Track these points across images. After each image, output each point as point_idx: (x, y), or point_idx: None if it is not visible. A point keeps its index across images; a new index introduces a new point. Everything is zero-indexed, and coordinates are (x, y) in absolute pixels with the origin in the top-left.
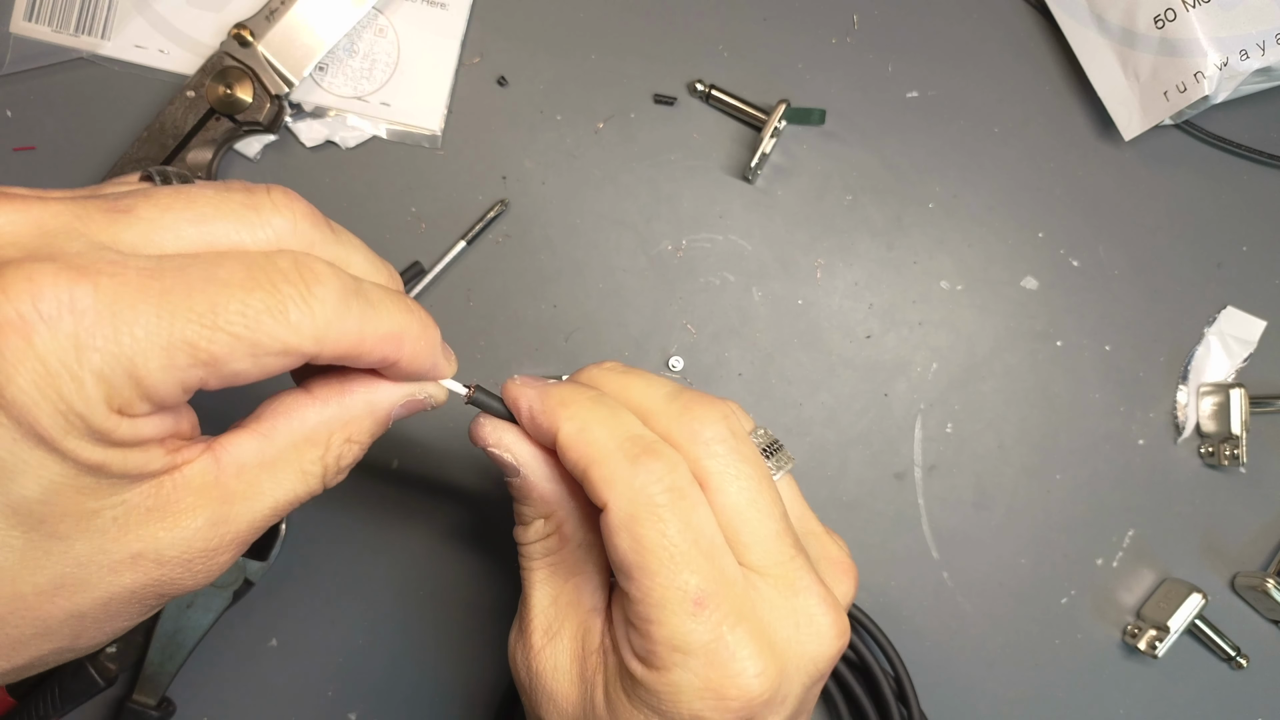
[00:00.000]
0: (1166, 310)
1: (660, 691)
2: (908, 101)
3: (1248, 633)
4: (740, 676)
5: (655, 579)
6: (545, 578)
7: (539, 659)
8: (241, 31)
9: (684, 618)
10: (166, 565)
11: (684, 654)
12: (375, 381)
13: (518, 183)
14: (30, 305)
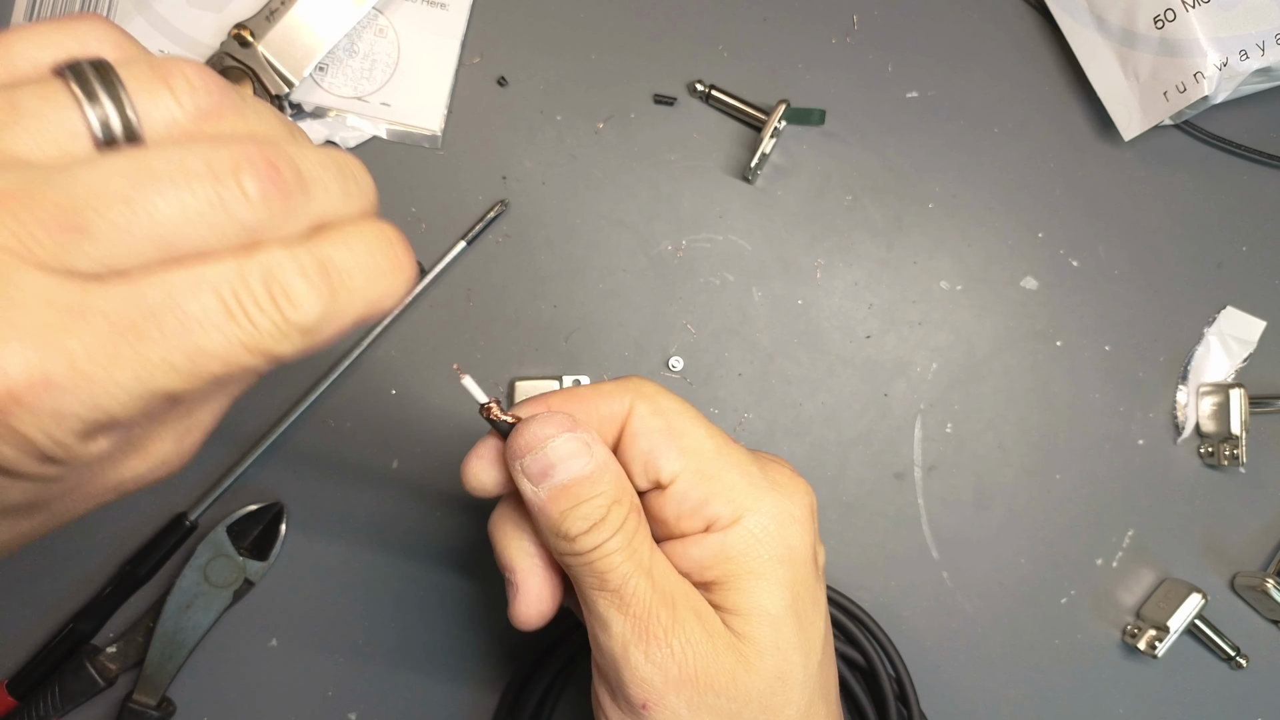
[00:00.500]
0: (1166, 310)
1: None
2: (908, 101)
3: (1247, 633)
4: (800, 492)
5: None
6: (639, 562)
7: (678, 639)
8: (241, 32)
9: (743, 454)
10: (147, 476)
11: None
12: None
13: (518, 183)
14: (4, 392)
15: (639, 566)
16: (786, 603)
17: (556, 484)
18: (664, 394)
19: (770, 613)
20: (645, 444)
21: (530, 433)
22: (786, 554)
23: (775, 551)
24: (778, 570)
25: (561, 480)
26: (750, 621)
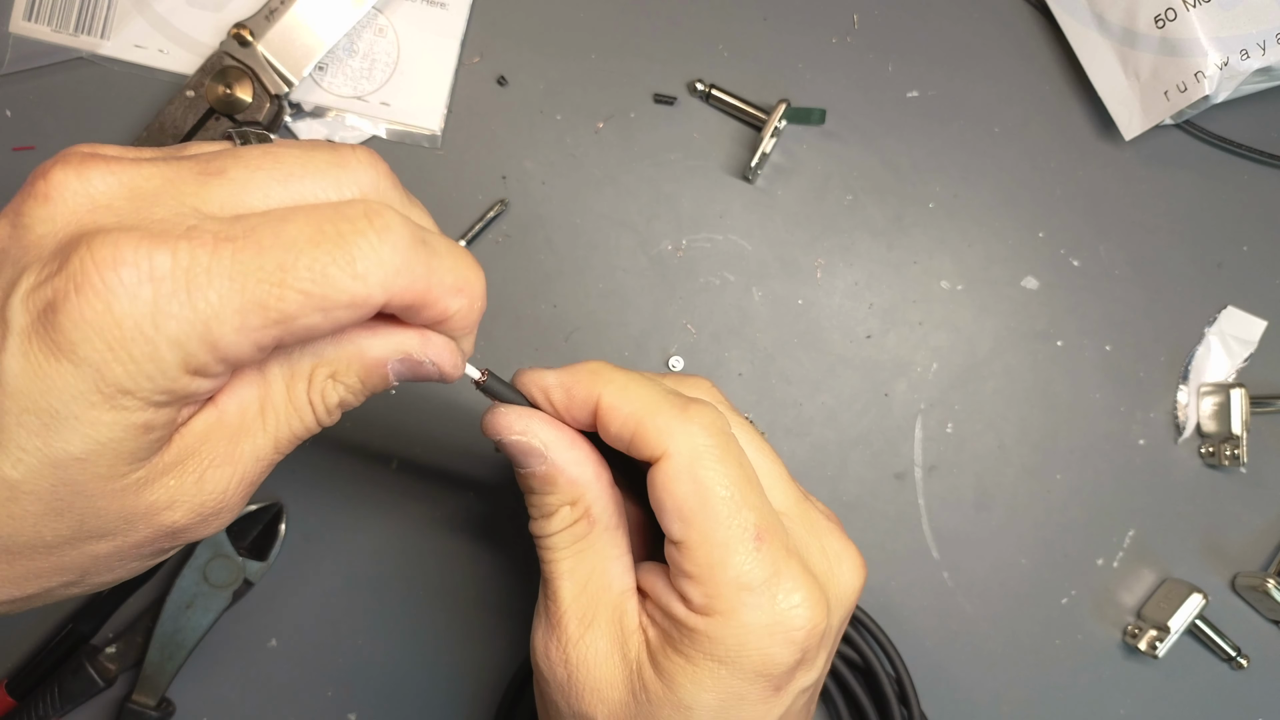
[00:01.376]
0: (1167, 310)
1: (727, 637)
2: (908, 101)
3: (1248, 633)
4: (801, 608)
5: (719, 519)
6: (572, 567)
7: (576, 650)
8: (241, 31)
9: (748, 554)
10: (181, 512)
11: (749, 591)
12: (372, 327)
13: (517, 183)
14: (114, 273)
15: (570, 572)
16: (708, 706)
17: (522, 471)
18: (707, 459)
19: (685, 703)
20: (660, 499)
21: (495, 422)
22: (734, 666)
23: (722, 657)
24: (718, 674)
25: (524, 469)
26: (664, 693)
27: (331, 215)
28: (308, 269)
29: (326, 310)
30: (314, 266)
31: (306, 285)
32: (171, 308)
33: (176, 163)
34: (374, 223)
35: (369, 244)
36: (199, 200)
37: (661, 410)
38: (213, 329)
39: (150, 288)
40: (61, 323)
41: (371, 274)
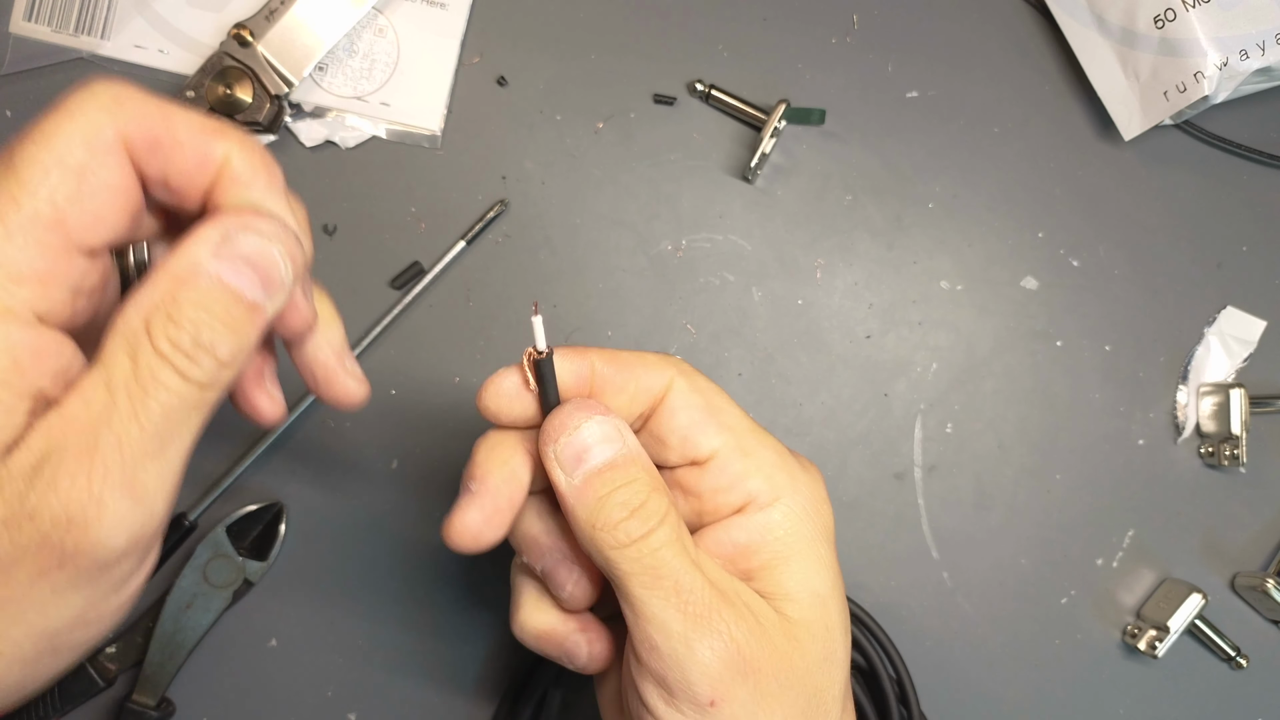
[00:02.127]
0: (1166, 310)
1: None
2: (908, 101)
3: (1248, 633)
4: (813, 469)
5: (738, 413)
6: (682, 550)
7: (725, 620)
8: (241, 32)
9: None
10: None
11: (790, 466)
12: (173, 249)
13: (517, 183)
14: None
15: (690, 560)
16: (831, 582)
17: (592, 468)
18: (700, 374)
19: (819, 593)
20: (685, 419)
21: (563, 416)
22: (825, 533)
23: (817, 530)
24: (821, 549)
25: (596, 464)
26: (801, 605)
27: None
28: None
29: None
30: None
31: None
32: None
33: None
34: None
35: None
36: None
37: (645, 356)
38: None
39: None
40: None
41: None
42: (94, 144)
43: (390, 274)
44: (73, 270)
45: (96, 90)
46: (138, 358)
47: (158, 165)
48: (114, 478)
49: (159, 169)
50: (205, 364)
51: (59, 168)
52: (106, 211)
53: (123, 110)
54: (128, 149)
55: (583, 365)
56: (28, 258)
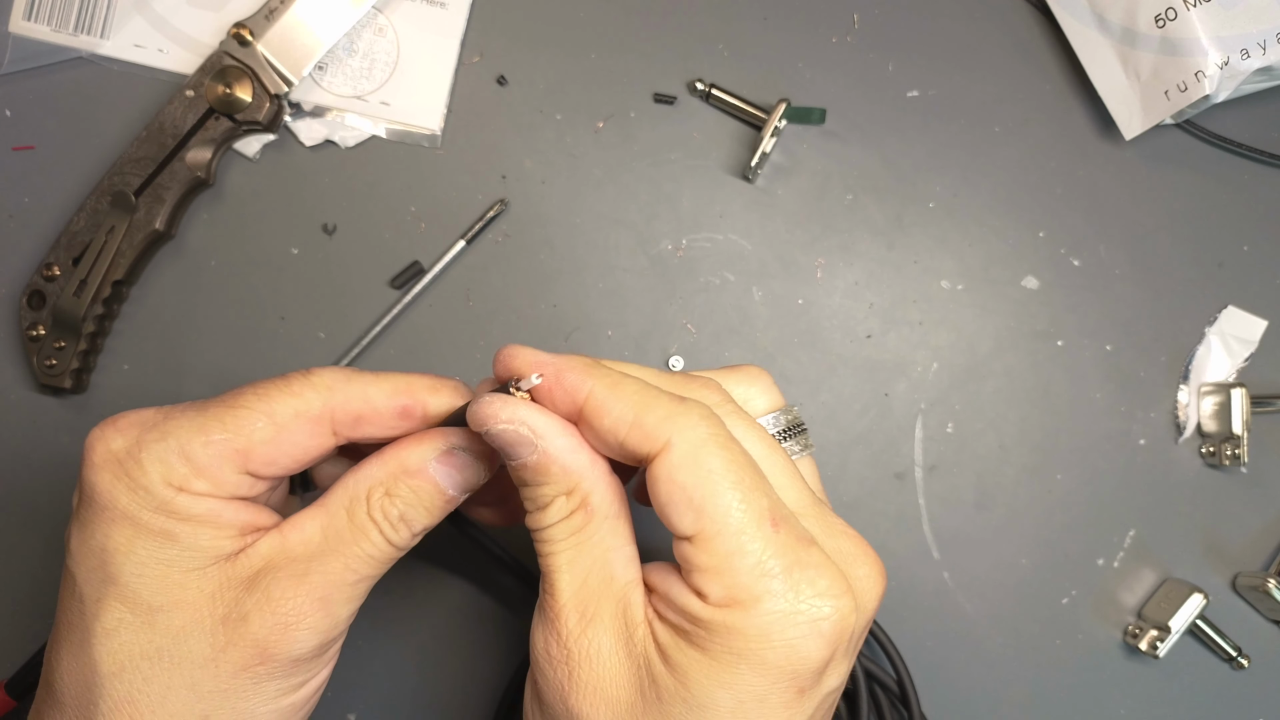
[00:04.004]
0: (1167, 310)
1: (749, 628)
2: (908, 101)
3: (1249, 633)
4: (828, 597)
5: (733, 505)
6: (572, 559)
7: (578, 645)
8: (241, 31)
9: (767, 540)
10: (256, 624)
11: (772, 578)
12: (408, 440)
13: (517, 182)
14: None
15: (569, 565)
16: (727, 708)
17: (514, 463)
18: (709, 446)
19: (705, 707)
20: (665, 495)
21: (480, 411)
22: (756, 665)
23: (742, 651)
24: (738, 671)
25: (514, 461)
26: (677, 693)
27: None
28: (253, 393)
29: (277, 424)
30: (259, 391)
31: (253, 405)
32: (150, 436)
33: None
34: (309, 369)
35: (302, 376)
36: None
37: (659, 402)
38: (184, 446)
39: (135, 431)
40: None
41: (309, 394)
42: (301, 415)
43: (390, 273)
44: (240, 485)
45: (314, 378)
46: (354, 515)
47: (363, 431)
48: (316, 598)
49: (364, 433)
50: (403, 533)
51: (263, 419)
52: (284, 459)
53: (333, 395)
54: (332, 421)
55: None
56: (210, 463)
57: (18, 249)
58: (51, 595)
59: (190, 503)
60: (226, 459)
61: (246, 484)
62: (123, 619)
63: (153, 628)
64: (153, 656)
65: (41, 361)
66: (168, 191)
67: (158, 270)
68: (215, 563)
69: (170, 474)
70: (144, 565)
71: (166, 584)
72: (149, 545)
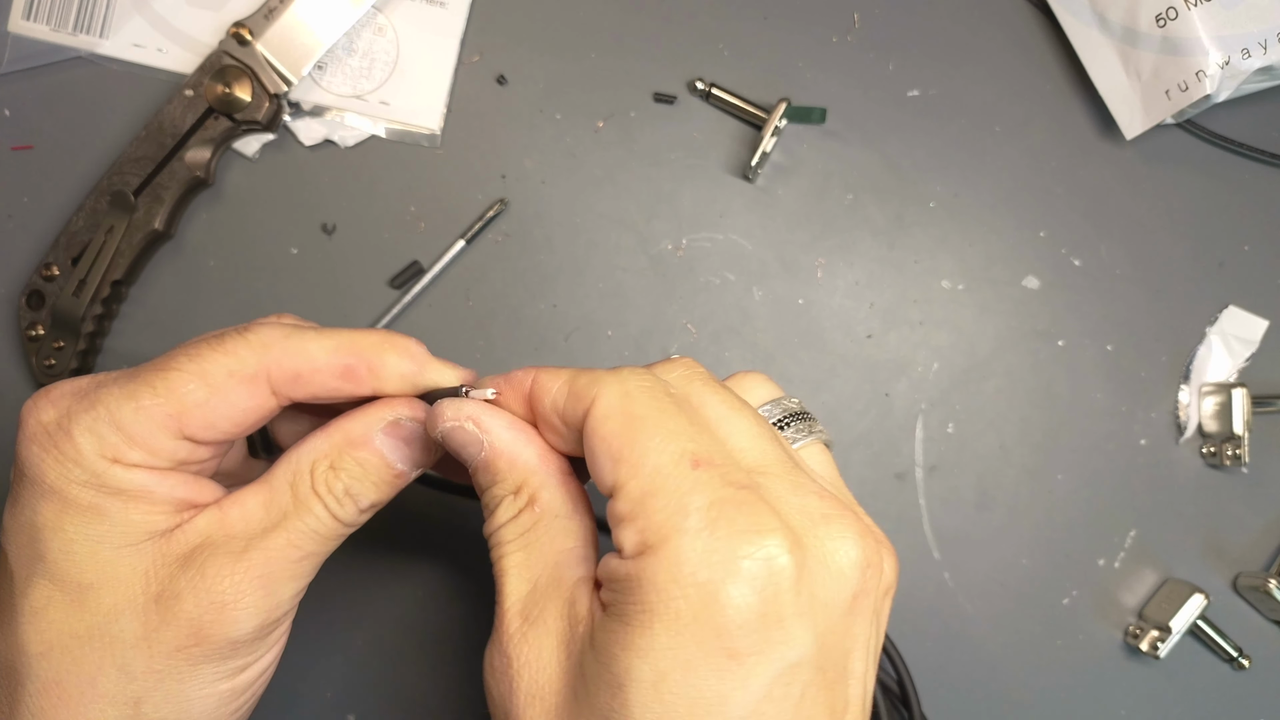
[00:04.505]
0: (1168, 309)
1: (659, 574)
2: (909, 100)
3: (1250, 633)
4: (755, 533)
5: (650, 448)
6: (521, 561)
7: (518, 652)
8: (240, 30)
9: (683, 477)
10: (191, 603)
11: (684, 516)
12: (355, 411)
13: (517, 182)
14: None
15: (518, 567)
16: (645, 676)
17: (469, 466)
18: (635, 396)
19: (619, 679)
20: (588, 449)
21: (432, 416)
22: (667, 616)
23: (653, 604)
24: (650, 628)
25: (469, 463)
26: (604, 668)
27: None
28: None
29: (210, 387)
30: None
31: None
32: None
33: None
34: (248, 325)
35: (238, 333)
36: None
37: (590, 372)
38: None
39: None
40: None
41: (245, 353)
42: (235, 374)
43: (389, 273)
44: (178, 450)
45: (249, 335)
46: (298, 489)
47: (304, 390)
48: (254, 576)
49: (305, 393)
50: (349, 508)
51: (196, 380)
52: (222, 421)
53: (269, 352)
54: (270, 381)
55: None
56: (143, 430)
57: (17, 249)
58: None
59: (123, 475)
60: (159, 424)
61: (185, 449)
62: (51, 597)
63: (82, 607)
64: (82, 636)
65: (40, 361)
66: (167, 191)
67: (157, 270)
68: (149, 539)
69: (102, 445)
70: (72, 542)
71: (96, 561)
72: (77, 521)
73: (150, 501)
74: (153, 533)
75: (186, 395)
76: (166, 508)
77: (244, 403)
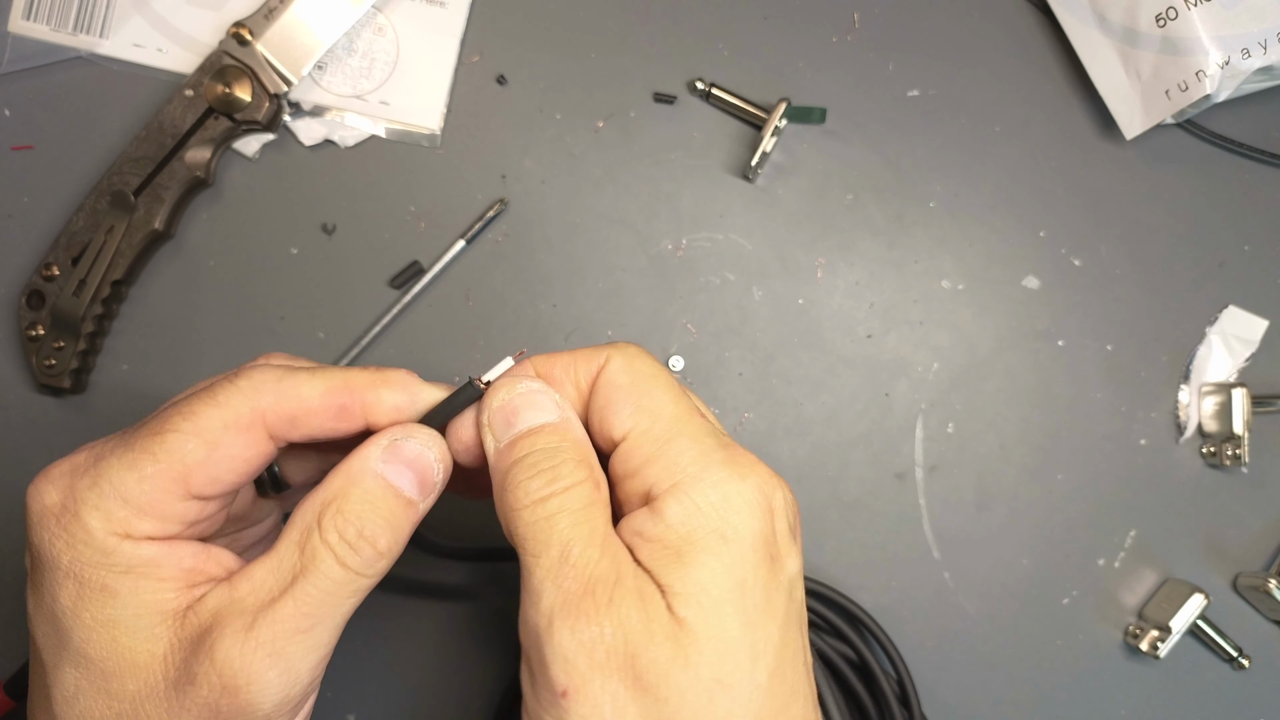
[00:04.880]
0: (1168, 309)
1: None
2: (909, 100)
3: (1250, 633)
4: (765, 473)
5: (668, 400)
6: (589, 531)
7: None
8: (240, 30)
9: (700, 424)
10: (205, 687)
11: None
12: (351, 455)
13: (517, 182)
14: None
15: (587, 535)
16: (728, 588)
17: (516, 432)
18: (644, 357)
19: (710, 593)
20: (604, 398)
21: (500, 386)
22: (730, 534)
23: (716, 527)
24: (719, 547)
25: (520, 429)
26: (689, 603)
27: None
28: (178, 411)
29: (209, 444)
30: (185, 409)
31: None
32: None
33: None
34: (235, 372)
35: (229, 381)
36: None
37: (594, 347)
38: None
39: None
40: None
41: (239, 402)
42: (232, 426)
43: (390, 273)
44: (187, 511)
45: (240, 382)
46: (305, 545)
47: (300, 433)
48: (264, 654)
49: (302, 434)
50: (365, 553)
51: (194, 439)
52: (226, 474)
53: (261, 398)
54: (266, 425)
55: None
56: (150, 499)
57: (17, 249)
58: None
59: (132, 550)
60: (165, 490)
61: (194, 509)
62: (79, 685)
63: (109, 694)
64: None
65: (41, 361)
66: (167, 191)
67: (157, 270)
68: (162, 622)
69: (110, 521)
70: (90, 629)
71: (115, 649)
72: (93, 605)
73: (159, 578)
74: (165, 613)
75: (187, 456)
76: (176, 583)
77: (244, 452)
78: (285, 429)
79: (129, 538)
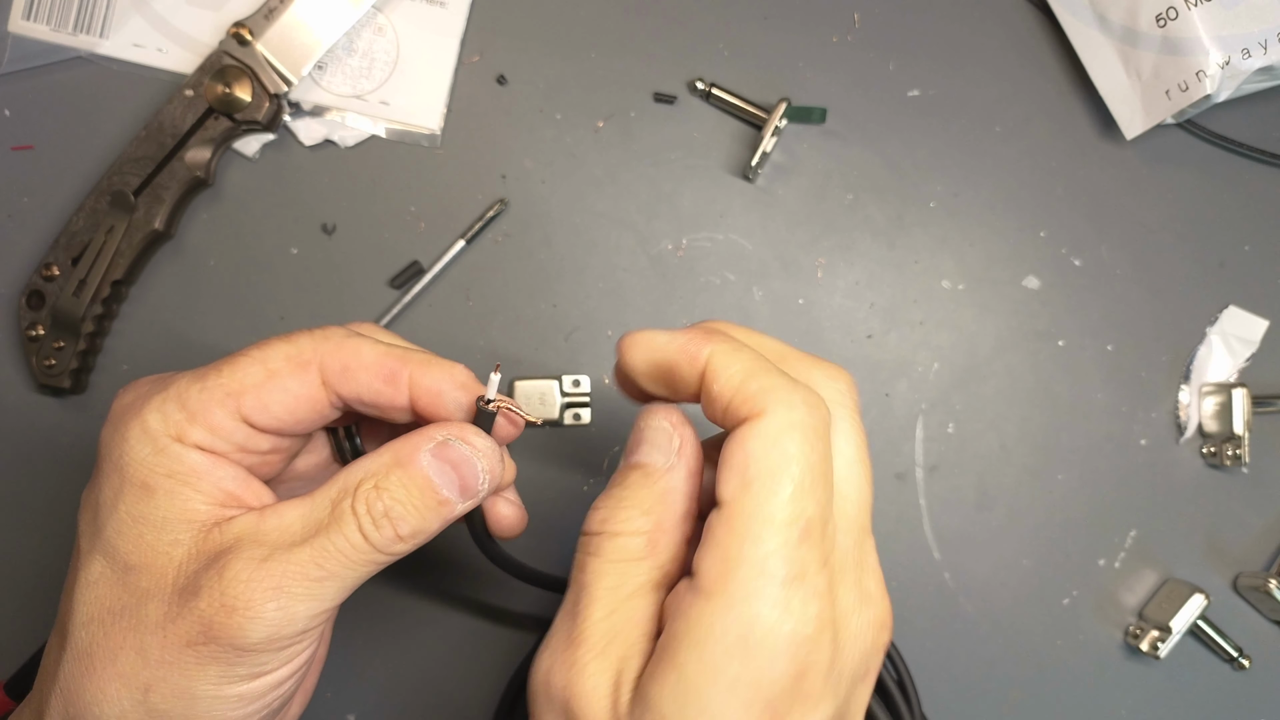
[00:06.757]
0: (1169, 310)
1: (729, 623)
2: (909, 100)
3: (1250, 633)
4: (814, 621)
5: (779, 494)
6: (612, 585)
7: (582, 678)
8: (240, 30)
9: (787, 542)
10: (205, 600)
11: (768, 580)
12: (406, 436)
13: (517, 182)
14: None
15: (610, 589)
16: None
17: (627, 461)
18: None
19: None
20: (729, 454)
21: (648, 412)
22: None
23: (722, 648)
24: (706, 679)
25: (631, 459)
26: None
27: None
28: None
29: (269, 369)
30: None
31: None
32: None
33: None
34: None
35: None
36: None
37: (771, 373)
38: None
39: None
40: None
41: (304, 341)
42: (292, 359)
43: (390, 273)
44: (236, 432)
45: (315, 330)
46: (338, 505)
47: (350, 386)
48: (269, 586)
49: (351, 389)
50: (386, 533)
51: (257, 364)
52: (275, 405)
53: (326, 343)
54: (321, 371)
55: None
56: (204, 408)
57: (17, 249)
58: (52, 595)
59: (180, 452)
60: (219, 403)
61: (243, 432)
62: (103, 573)
63: (124, 586)
64: (116, 613)
65: (41, 361)
66: (167, 191)
67: (157, 270)
68: (188, 530)
69: (167, 422)
70: (123, 521)
71: (141, 545)
72: (130, 498)
73: (196, 488)
74: (192, 522)
75: (246, 377)
76: (210, 499)
77: (295, 388)
78: (337, 378)
79: (179, 441)
